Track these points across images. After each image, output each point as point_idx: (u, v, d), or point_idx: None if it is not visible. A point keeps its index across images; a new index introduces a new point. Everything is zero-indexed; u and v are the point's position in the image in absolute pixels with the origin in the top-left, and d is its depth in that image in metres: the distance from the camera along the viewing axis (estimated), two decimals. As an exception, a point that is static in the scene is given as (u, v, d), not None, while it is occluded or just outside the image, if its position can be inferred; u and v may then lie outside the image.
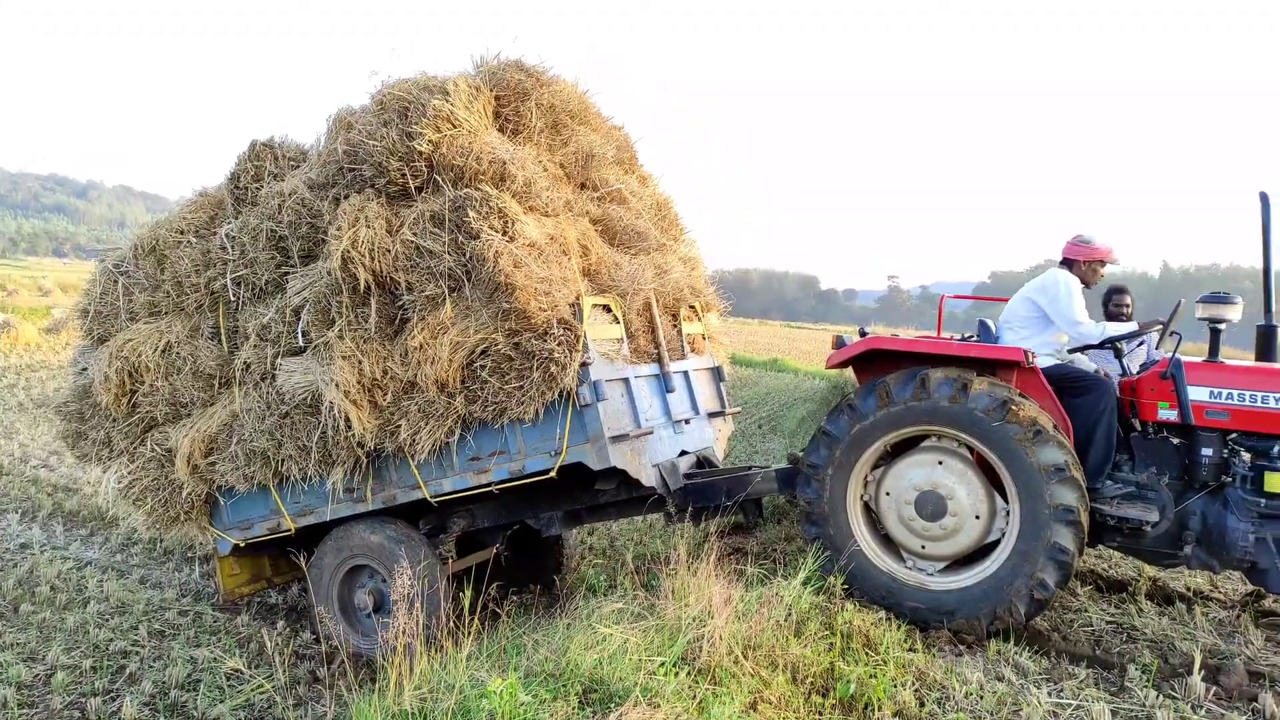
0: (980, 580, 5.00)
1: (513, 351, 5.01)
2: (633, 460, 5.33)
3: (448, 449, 5.30)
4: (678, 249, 6.79)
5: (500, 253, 4.89)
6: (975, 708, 4.04)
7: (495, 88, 5.60)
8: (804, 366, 24.34)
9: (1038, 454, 4.79)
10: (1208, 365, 5.03)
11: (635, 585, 4.72)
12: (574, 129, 6.01)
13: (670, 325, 6.35)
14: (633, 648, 3.40)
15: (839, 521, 5.33)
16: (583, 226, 5.68)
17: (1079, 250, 5.58)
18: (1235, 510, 4.88)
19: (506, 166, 5.21)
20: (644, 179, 6.85)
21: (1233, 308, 4.98)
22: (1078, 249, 5.59)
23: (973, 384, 4.99)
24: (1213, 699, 4.33)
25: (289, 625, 6.21)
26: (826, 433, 5.42)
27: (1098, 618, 5.55)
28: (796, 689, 3.80)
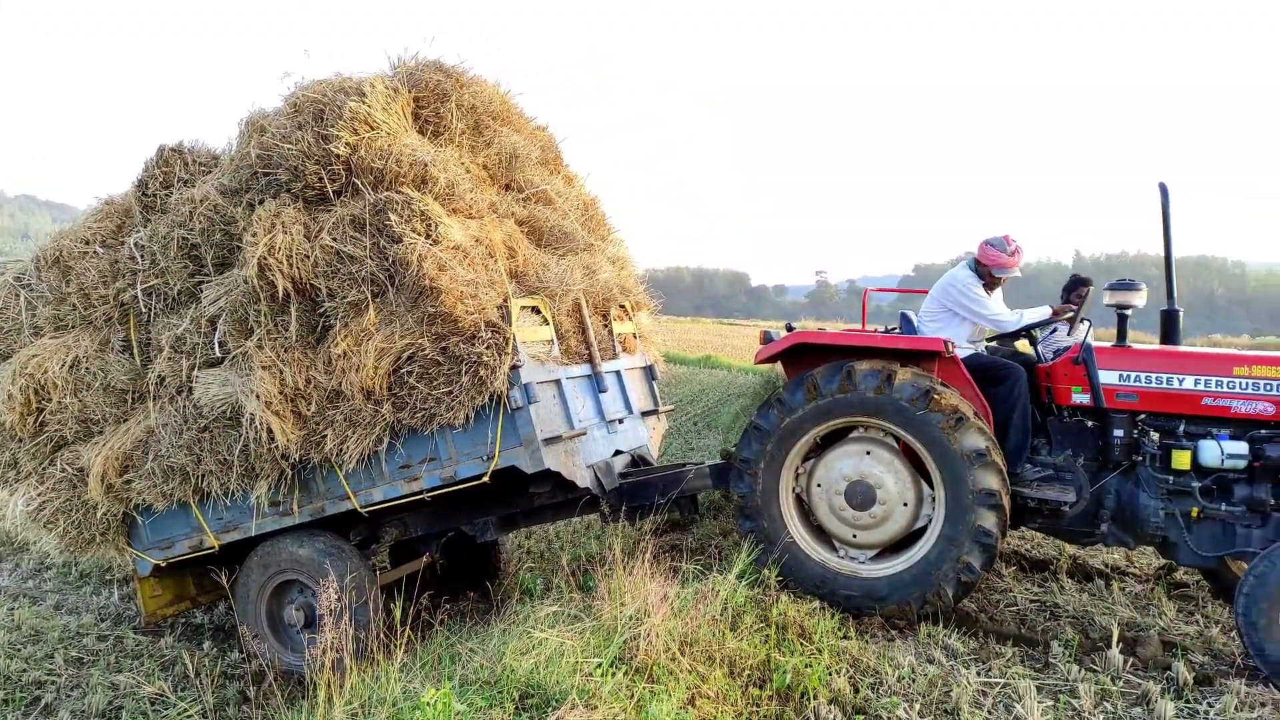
0: (910, 566, 5.12)
1: (440, 356, 4.93)
2: (567, 462, 5.30)
3: (377, 458, 5.20)
4: (606, 248, 6.79)
5: (424, 256, 4.81)
6: (908, 691, 4.13)
7: (414, 89, 5.51)
8: (736, 363, 24.59)
9: (960, 440, 4.93)
10: (1116, 350, 5.23)
11: (571, 587, 4.70)
12: (496, 130, 5.95)
13: (601, 325, 6.34)
14: (569, 650, 3.38)
15: (772, 514, 5.40)
16: (509, 228, 5.63)
17: (989, 255, 5.67)
18: (1146, 488, 5.09)
19: (428, 169, 5.13)
20: (569, 179, 6.82)
21: (1138, 294, 5.19)
22: (988, 253, 5.67)
23: (896, 375, 5.11)
24: (1130, 670, 4.51)
25: (216, 645, 6.02)
26: (757, 427, 5.48)
27: (1022, 597, 5.74)
28: (734, 683, 3.83)
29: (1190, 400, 4.97)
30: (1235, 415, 4.89)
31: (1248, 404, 4.85)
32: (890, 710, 3.88)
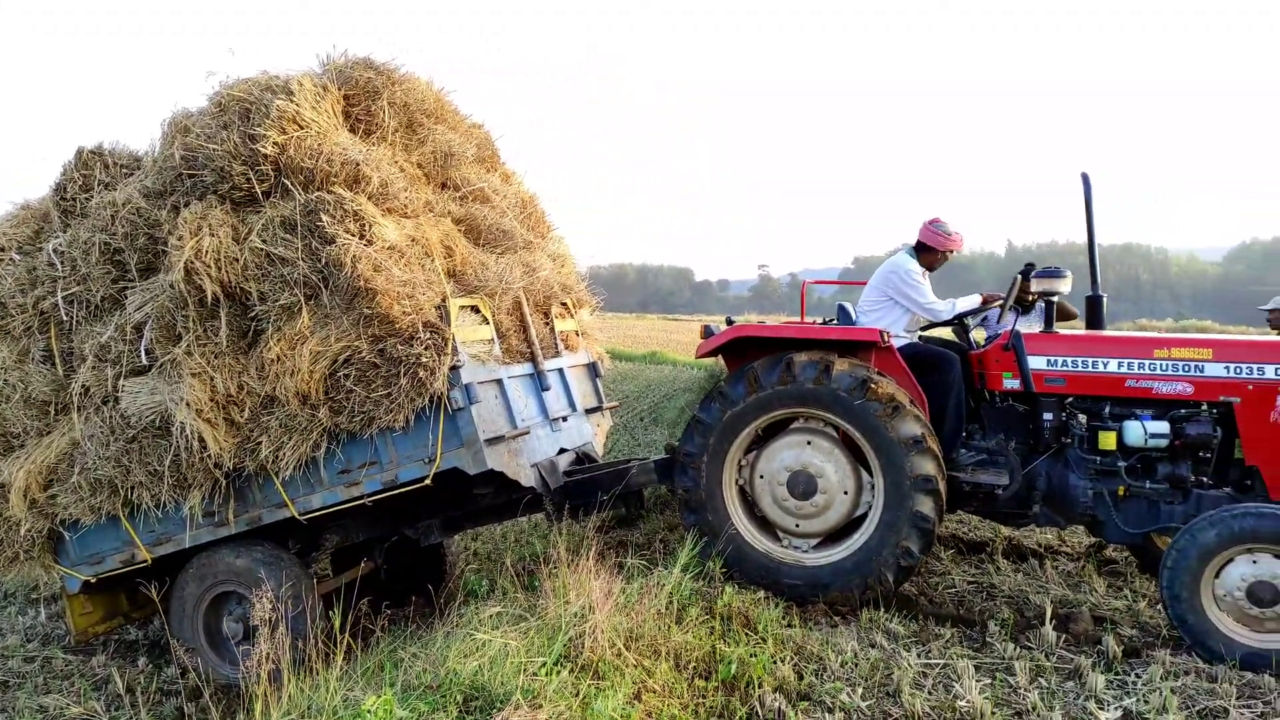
0: (852, 553, 5.21)
1: (378, 358, 4.86)
2: (510, 462, 5.27)
3: (315, 463, 5.10)
4: (546, 246, 6.76)
5: (358, 257, 4.73)
6: (850, 676, 4.20)
7: (344, 86, 5.41)
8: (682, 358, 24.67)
9: (897, 428, 5.03)
10: (1044, 336, 5.39)
11: (516, 587, 4.68)
12: (431, 128, 5.88)
13: (542, 323, 6.31)
14: (513, 650, 3.36)
15: (716, 507, 5.44)
16: (445, 227, 5.57)
17: (935, 237, 5.80)
18: (1075, 469, 5.25)
19: (360, 168, 5.05)
20: (507, 176, 6.77)
21: (1063, 281, 5.35)
22: (934, 235, 5.80)
23: (834, 365, 5.19)
24: (1063, 645, 4.65)
25: (151, 662, 5.84)
26: (700, 421, 5.52)
27: (960, 579, 5.88)
28: (680, 675, 3.85)
29: (1114, 383, 5.15)
30: (1157, 396, 5.08)
31: (1168, 385, 5.04)
32: (834, 695, 3.95)
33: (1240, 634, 4.39)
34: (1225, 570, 4.42)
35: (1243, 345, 5.04)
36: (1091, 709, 3.90)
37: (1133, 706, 3.94)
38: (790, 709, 3.77)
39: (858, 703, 3.91)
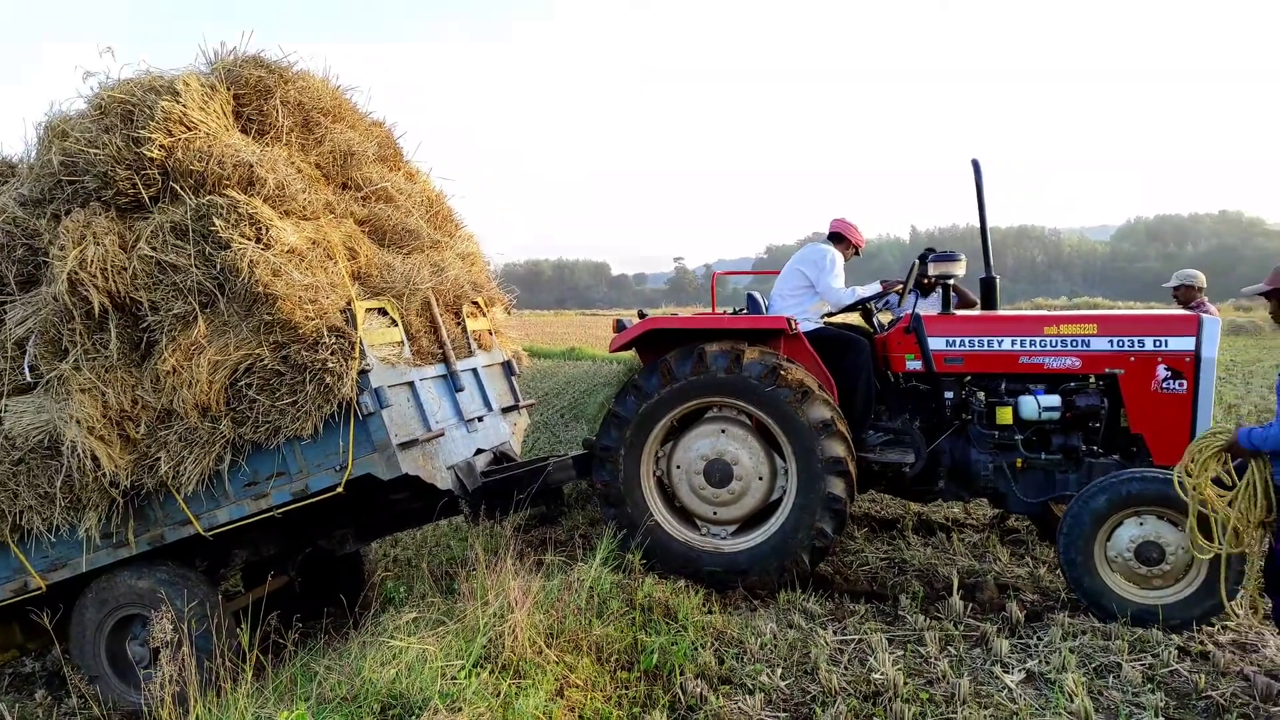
0: (768, 537, 5.33)
1: (281, 366, 4.72)
2: (425, 465, 5.19)
3: (219, 477, 4.93)
4: (455, 245, 6.65)
5: (256, 261, 4.59)
6: (770, 657, 4.29)
7: (233, 85, 5.23)
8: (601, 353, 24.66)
9: (807, 413, 5.15)
10: (942, 317, 5.60)
11: (434, 591, 4.62)
12: (328, 127, 5.73)
13: (454, 323, 6.23)
14: (431, 655, 3.32)
15: (635, 499, 5.48)
16: (348, 228, 5.44)
17: (850, 231, 6.12)
18: (976, 444, 5.48)
19: (254, 169, 4.88)
20: (411, 175, 6.65)
21: (958, 264, 5.57)
22: (848, 227, 6.13)
23: (745, 354, 5.28)
24: (970, 614, 4.85)
25: (50, 694, 5.56)
26: (616, 414, 5.55)
27: (873, 556, 6.07)
28: (602, 669, 3.87)
29: (1009, 360, 5.38)
30: (1048, 371, 5.33)
31: (1058, 360, 5.30)
32: (754, 677, 4.03)
33: (1131, 592, 4.66)
34: (1116, 533, 4.67)
35: (1124, 320, 5.33)
36: (998, 673, 4.08)
37: (1035, 668, 4.13)
38: (712, 693, 3.83)
39: (777, 683, 4.00)
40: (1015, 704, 3.73)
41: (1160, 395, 5.07)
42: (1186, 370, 5.02)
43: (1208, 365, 5.00)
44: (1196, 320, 5.08)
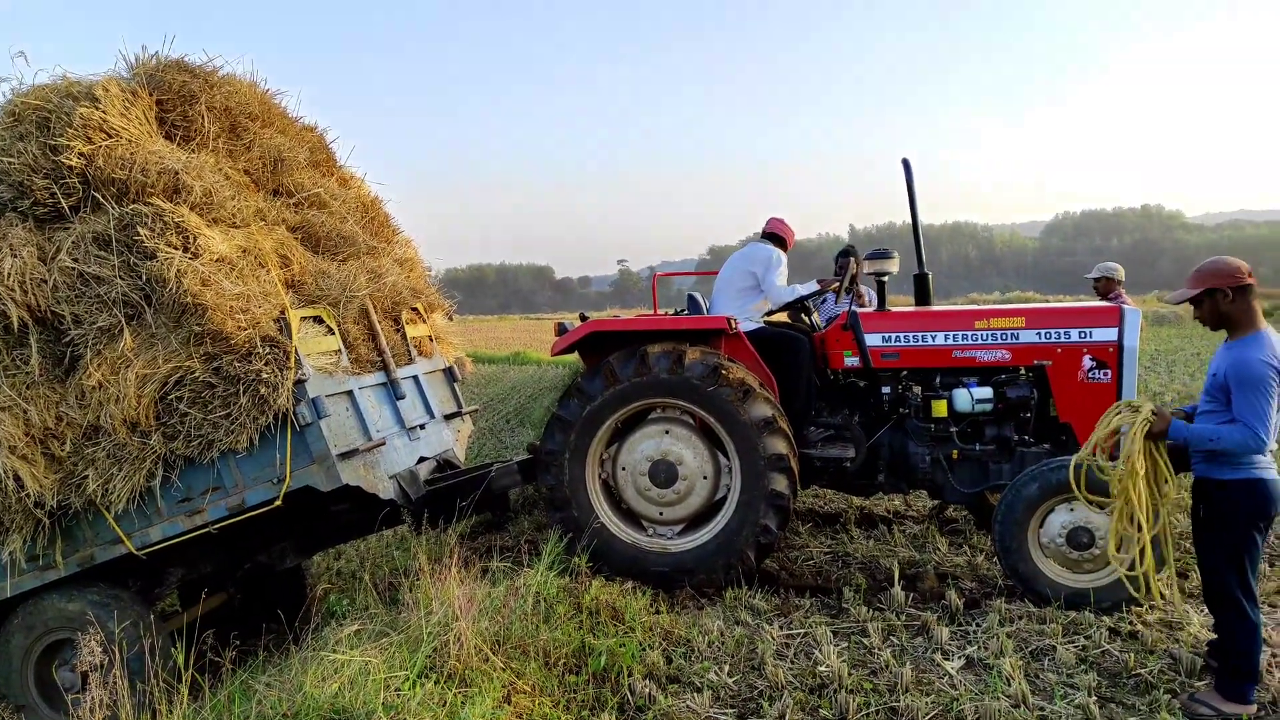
0: (714, 535, 5.37)
1: (213, 378, 4.60)
2: (367, 475, 5.11)
3: (151, 494, 4.77)
4: (392, 250, 6.57)
5: (183, 271, 4.46)
6: (717, 654, 4.33)
7: (156, 91, 5.08)
8: (546, 357, 24.58)
9: (749, 411, 5.20)
10: (879, 314, 5.71)
11: (378, 603, 4.55)
12: (257, 132, 5.60)
13: (393, 330, 6.14)
14: (374, 668, 3.27)
15: (580, 502, 5.48)
16: (280, 235, 5.33)
17: (784, 228, 6.24)
18: (913, 438, 5.60)
19: (179, 177, 4.75)
20: (345, 180, 6.54)
21: (891, 261, 5.68)
22: (783, 227, 6.23)
23: (687, 354, 5.32)
24: (912, 604, 4.96)
25: (-25, 726, 5.32)
26: (560, 418, 5.54)
27: (817, 550, 6.16)
28: (550, 673, 3.86)
29: (942, 354, 5.51)
30: (980, 364, 5.48)
31: (989, 353, 5.44)
32: (702, 675, 4.06)
33: (1063, 577, 4.81)
34: (1048, 520, 4.82)
35: (1051, 312, 5.50)
36: (938, 660, 4.17)
37: (974, 654, 4.24)
38: (660, 693, 3.85)
39: (725, 679, 4.03)
40: (955, 690, 3.82)
41: (1086, 385, 5.25)
42: (1110, 360, 5.20)
43: (1130, 354, 5.19)
44: (1119, 312, 5.27)
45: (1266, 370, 3.39)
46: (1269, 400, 3.38)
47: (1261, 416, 3.38)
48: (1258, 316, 3.55)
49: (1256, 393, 3.39)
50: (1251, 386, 3.40)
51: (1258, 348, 3.45)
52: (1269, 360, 3.40)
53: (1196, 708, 3.61)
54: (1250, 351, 3.45)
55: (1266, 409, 3.38)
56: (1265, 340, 3.47)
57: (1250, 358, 3.43)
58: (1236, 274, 3.52)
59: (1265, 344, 3.46)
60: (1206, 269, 3.60)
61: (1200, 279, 3.59)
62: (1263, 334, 3.50)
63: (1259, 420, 3.39)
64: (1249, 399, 3.40)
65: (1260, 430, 3.39)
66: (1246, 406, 3.41)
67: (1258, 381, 3.39)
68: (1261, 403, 3.38)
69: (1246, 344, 3.49)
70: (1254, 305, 3.55)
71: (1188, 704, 3.64)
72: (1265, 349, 3.44)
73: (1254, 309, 3.55)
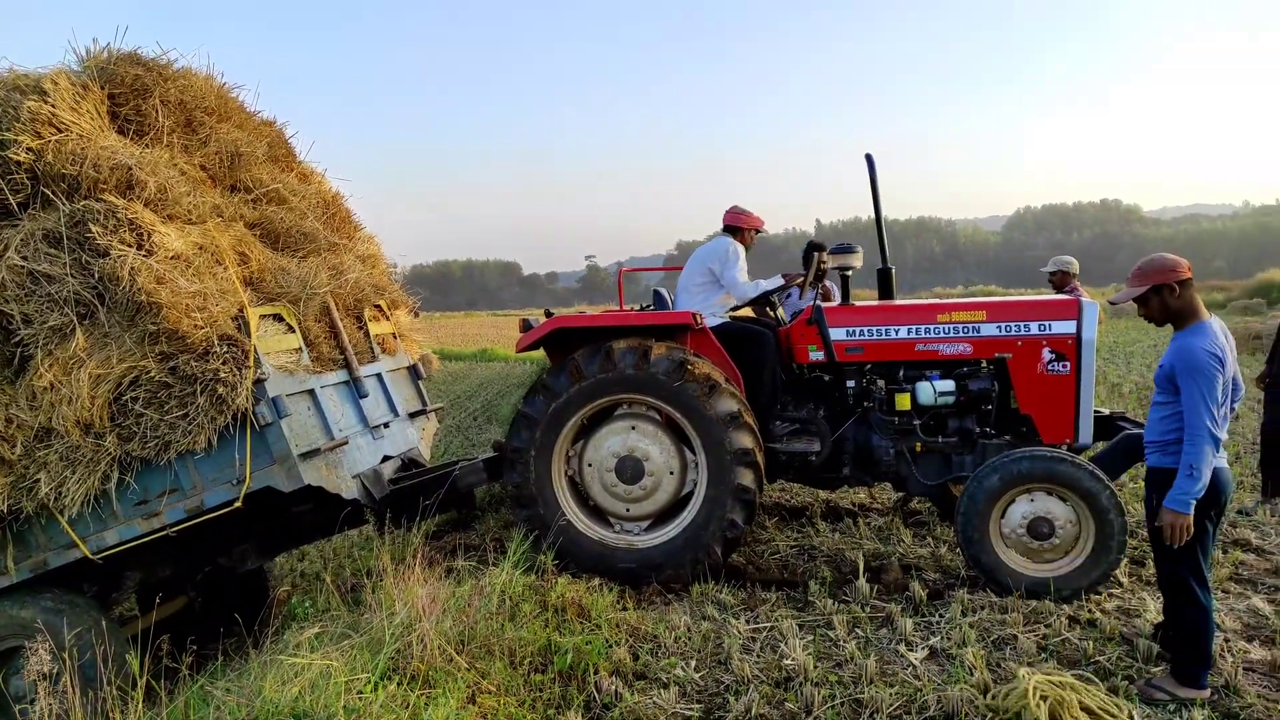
0: (681, 530, 5.37)
1: (169, 377, 4.51)
2: (329, 475, 5.04)
3: (106, 497, 4.68)
4: (354, 247, 6.49)
5: (137, 269, 4.36)
6: (684, 649, 4.33)
7: (108, 84, 4.96)
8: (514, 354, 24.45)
9: (715, 406, 5.21)
10: (843, 308, 5.74)
11: (340, 605, 4.50)
12: (214, 126, 5.50)
13: (355, 327, 6.07)
14: (336, 670, 3.23)
15: (547, 499, 5.45)
16: (238, 232, 5.24)
17: (740, 219, 6.18)
18: (877, 431, 5.64)
19: (133, 172, 4.64)
20: (305, 175, 6.44)
21: (855, 256, 5.71)
22: (739, 217, 6.19)
23: (652, 350, 5.31)
24: (876, 596, 5.00)
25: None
26: (525, 415, 5.51)
27: (784, 544, 6.19)
28: (515, 672, 3.83)
29: (905, 348, 5.56)
30: (942, 357, 5.53)
31: (951, 346, 5.50)
32: (668, 671, 4.06)
33: (1024, 566, 4.87)
34: (1009, 510, 4.88)
35: (1011, 306, 5.56)
36: (902, 651, 4.21)
37: (938, 644, 4.28)
38: (626, 690, 3.84)
39: (691, 675, 4.04)
40: (919, 681, 3.86)
41: (1046, 376, 5.32)
42: (1069, 352, 5.28)
43: (1088, 346, 5.27)
44: (1077, 305, 5.35)
45: (1209, 359, 3.46)
46: (1212, 386, 3.46)
47: (1207, 404, 3.45)
48: (1200, 307, 3.64)
49: (1201, 381, 3.46)
50: (1196, 375, 3.48)
51: (1201, 337, 3.53)
52: (1212, 349, 3.48)
53: (1153, 693, 3.68)
54: (1194, 340, 3.53)
55: (1210, 395, 3.46)
56: (1209, 330, 3.55)
57: (1194, 346, 3.51)
58: (1177, 269, 3.61)
59: (1209, 333, 3.54)
60: (1150, 267, 3.68)
61: (1145, 277, 3.66)
62: (1206, 324, 3.58)
63: (1205, 408, 3.45)
64: (1195, 387, 3.48)
65: (1207, 419, 3.45)
66: (1192, 396, 3.48)
67: (1202, 369, 3.46)
68: (1206, 390, 3.46)
69: (1191, 334, 3.57)
70: (1195, 297, 3.64)
71: (1144, 689, 3.71)
72: (1208, 338, 3.52)
73: (1196, 300, 3.63)
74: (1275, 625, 4.36)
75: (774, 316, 6.21)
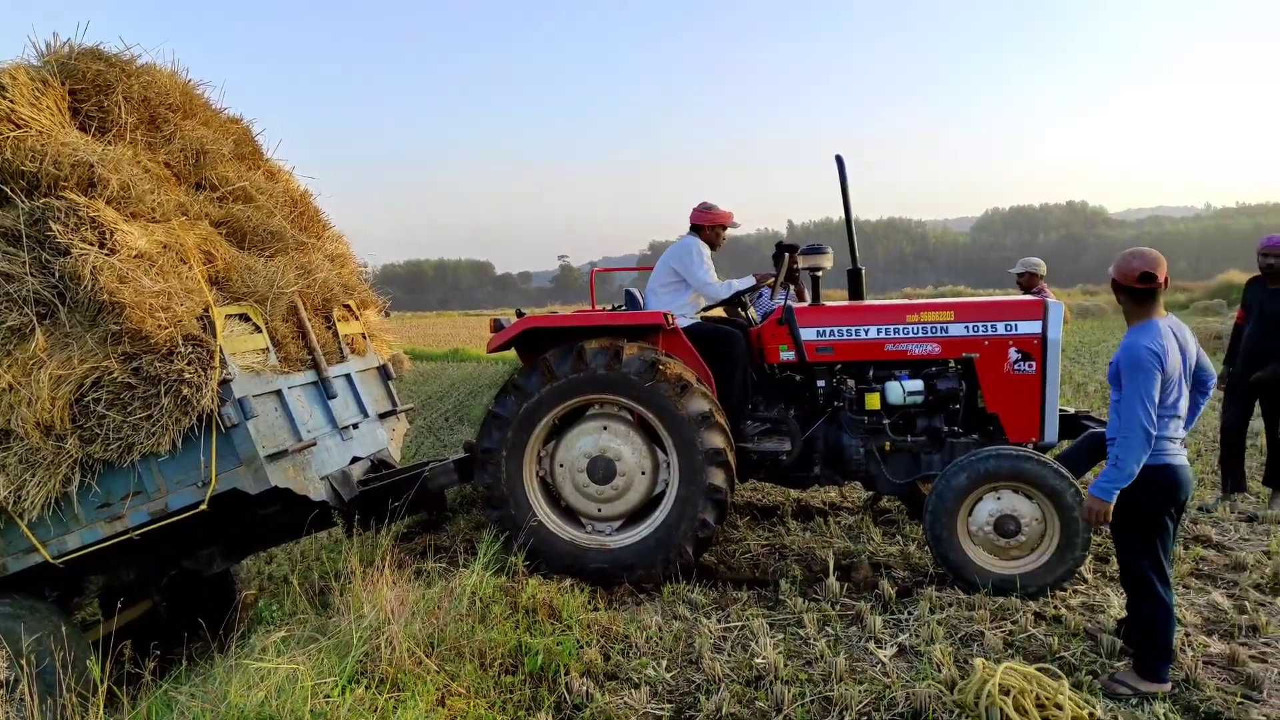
0: (653, 530, 5.38)
1: (133, 378, 4.43)
2: (297, 476, 4.99)
3: (67, 500, 4.59)
4: (323, 246, 6.42)
5: (99, 268, 4.29)
6: (655, 649, 4.33)
7: (69, 80, 4.88)
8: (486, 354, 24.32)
9: (686, 406, 5.22)
10: (813, 309, 5.77)
11: (307, 607, 4.45)
12: (178, 123, 5.41)
13: (324, 327, 6.01)
14: (303, 674, 3.19)
15: (518, 500, 5.43)
16: (203, 230, 5.16)
17: (704, 216, 6.16)
18: (847, 430, 5.68)
19: (95, 169, 4.56)
20: (273, 173, 6.37)
21: (826, 256, 5.75)
22: (703, 215, 6.16)
23: (624, 350, 5.31)
24: (846, 594, 5.04)
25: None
26: (496, 415, 5.48)
27: (755, 543, 6.21)
28: (485, 674, 3.81)
29: (875, 348, 5.60)
30: (911, 357, 5.58)
31: (920, 346, 5.55)
32: (640, 671, 4.06)
33: (991, 563, 4.93)
34: (976, 508, 4.94)
35: (979, 306, 5.63)
36: (872, 649, 4.25)
37: (906, 641, 4.32)
38: (597, 690, 3.84)
39: (662, 674, 4.04)
40: (888, 678, 3.89)
41: (1012, 376, 5.39)
42: (1035, 352, 5.35)
43: (1054, 346, 5.34)
44: (1043, 305, 5.42)
45: (1149, 356, 3.53)
46: (1150, 382, 3.52)
47: (1143, 401, 3.52)
48: (1151, 307, 3.68)
49: (1139, 377, 3.53)
50: (1135, 372, 3.55)
51: (1145, 334, 3.59)
52: (1153, 347, 3.54)
53: (1116, 687, 3.74)
54: (1138, 338, 3.60)
55: (1148, 391, 3.52)
56: (1154, 328, 3.61)
57: (1136, 343, 3.58)
58: (1130, 272, 3.67)
59: (1153, 331, 3.59)
60: (1115, 262, 3.77)
61: (1112, 269, 3.76)
62: (1154, 322, 3.64)
63: (1140, 404, 3.51)
64: (1132, 384, 3.55)
65: (1141, 415, 3.51)
66: (1131, 391, 3.55)
67: (1140, 366, 3.53)
68: (1141, 385, 3.52)
69: (1137, 331, 3.64)
70: (1152, 297, 3.68)
71: (1107, 684, 3.77)
72: (1151, 336, 3.57)
73: (1150, 300, 3.68)
74: (1234, 620, 4.45)
75: (745, 317, 6.24)
